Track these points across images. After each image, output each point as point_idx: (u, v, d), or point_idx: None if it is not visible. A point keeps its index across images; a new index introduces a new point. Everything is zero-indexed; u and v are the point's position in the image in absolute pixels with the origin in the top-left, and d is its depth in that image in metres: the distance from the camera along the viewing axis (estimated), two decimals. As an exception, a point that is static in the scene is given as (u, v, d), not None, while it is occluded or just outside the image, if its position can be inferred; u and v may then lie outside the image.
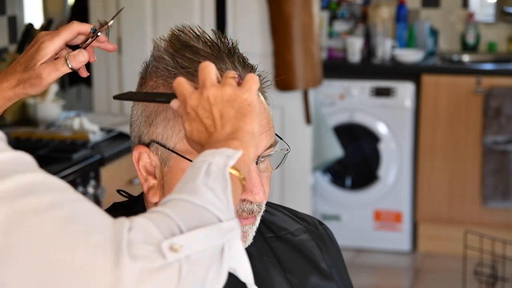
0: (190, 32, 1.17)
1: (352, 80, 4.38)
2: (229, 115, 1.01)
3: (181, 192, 0.89)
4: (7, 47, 3.26)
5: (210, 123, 1.01)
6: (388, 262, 4.32)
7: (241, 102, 1.02)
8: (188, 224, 0.84)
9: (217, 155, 0.94)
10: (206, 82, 1.03)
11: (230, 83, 1.03)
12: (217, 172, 0.92)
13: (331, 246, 1.35)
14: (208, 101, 1.02)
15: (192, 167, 0.94)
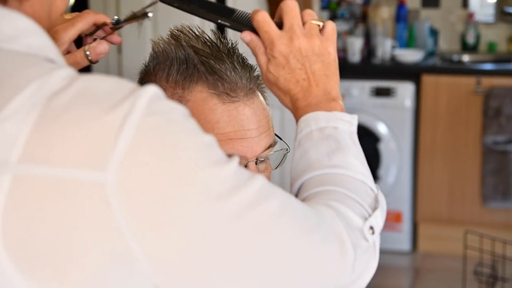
0: (190, 32, 1.17)
1: (352, 80, 4.38)
2: (320, 71, 1.02)
3: (334, 166, 0.95)
4: (7, 47, 3.26)
5: (304, 76, 1.01)
6: (388, 262, 4.32)
7: (328, 57, 1.03)
8: (368, 204, 0.93)
9: (339, 121, 0.99)
10: (295, 27, 1.01)
11: (316, 33, 1.03)
12: (349, 140, 0.98)
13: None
14: (300, 52, 1.01)
15: (323, 134, 0.97)
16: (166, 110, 0.78)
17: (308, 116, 1.00)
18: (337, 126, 0.98)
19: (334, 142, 0.97)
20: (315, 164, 0.97)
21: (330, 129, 0.98)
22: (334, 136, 0.98)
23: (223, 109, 1.12)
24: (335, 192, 0.92)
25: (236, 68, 1.13)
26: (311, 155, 0.98)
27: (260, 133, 1.14)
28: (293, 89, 1.02)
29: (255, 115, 1.14)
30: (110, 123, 0.74)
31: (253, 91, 1.15)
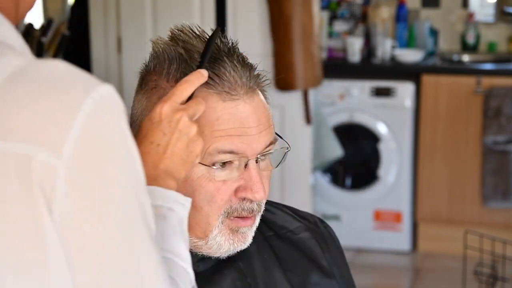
0: (190, 32, 1.17)
1: (352, 80, 4.38)
2: (181, 151, 1.05)
3: (170, 251, 1.00)
4: (7, 47, 3.25)
5: (163, 144, 1.04)
6: (388, 262, 4.32)
7: (195, 148, 1.06)
8: None
9: (175, 202, 1.03)
10: (189, 108, 1.06)
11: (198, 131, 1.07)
12: (181, 224, 1.03)
13: (332, 244, 1.35)
14: (177, 123, 1.05)
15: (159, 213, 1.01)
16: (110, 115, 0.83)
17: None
18: (172, 208, 1.03)
19: (169, 225, 1.02)
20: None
21: (165, 209, 1.02)
22: (169, 219, 1.02)
23: (223, 107, 1.12)
24: (175, 282, 0.98)
25: (236, 67, 1.14)
26: None
27: (261, 130, 1.15)
28: (143, 145, 1.05)
29: (255, 113, 1.14)
30: (65, 105, 0.77)
31: (253, 89, 1.15)
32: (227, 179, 1.14)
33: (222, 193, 1.14)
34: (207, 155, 1.12)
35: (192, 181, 1.14)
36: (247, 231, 1.18)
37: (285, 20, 3.73)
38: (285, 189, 3.94)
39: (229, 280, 1.20)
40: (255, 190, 1.14)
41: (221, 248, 1.17)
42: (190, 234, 1.17)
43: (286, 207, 1.36)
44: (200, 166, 1.13)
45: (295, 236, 1.31)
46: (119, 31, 3.83)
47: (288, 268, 1.27)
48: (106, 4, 3.81)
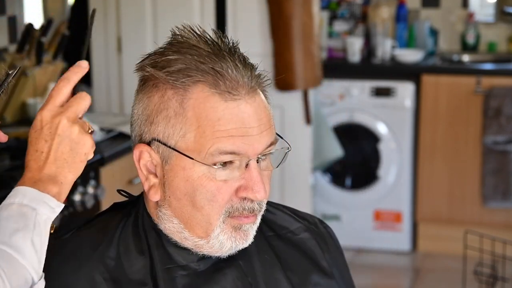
0: (191, 32, 1.17)
1: (352, 80, 4.38)
2: (64, 154, 1.08)
3: (12, 245, 1.03)
4: (7, 47, 3.25)
5: (45, 150, 1.08)
6: (388, 262, 4.32)
7: (81, 148, 1.08)
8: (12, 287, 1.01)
9: (43, 204, 1.05)
10: (69, 109, 1.08)
11: (82, 126, 1.09)
12: (41, 224, 1.05)
13: (332, 244, 1.35)
14: (56, 127, 1.07)
15: (21, 211, 1.04)
16: None
17: (20, 188, 1.07)
18: (36, 208, 1.06)
19: (24, 222, 1.05)
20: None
21: (29, 208, 1.05)
22: (27, 216, 1.05)
23: (224, 107, 1.12)
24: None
25: (238, 66, 1.14)
26: (1, 224, 1.05)
27: (262, 131, 1.15)
28: (29, 155, 1.09)
29: (257, 113, 1.14)
30: None
31: (254, 89, 1.15)
32: (228, 178, 1.14)
33: (223, 192, 1.14)
34: (208, 155, 1.12)
35: (193, 180, 1.14)
36: (249, 229, 1.19)
37: (285, 20, 3.73)
38: (285, 189, 3.94)
39: (230, 280, 1.20)
40: (256, 190, 1.14)
41: (223, 247, 1.17)
42: (191, 234, 1.18)
43: (285, 208, 1.36)
44: (201, 166, 1.13)
45: (295, 237, 1.31)
46: (119, 31, 3.83)
47: (288, 268, 1.27)
48: (106, 4, 3.81)
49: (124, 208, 1.27)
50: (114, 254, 1.18)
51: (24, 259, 1.04)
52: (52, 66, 3.30)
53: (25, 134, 2.91)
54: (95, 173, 2.69)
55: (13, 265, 1.03)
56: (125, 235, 1.20)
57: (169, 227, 1.19)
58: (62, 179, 1.08)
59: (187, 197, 1.15)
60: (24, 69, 3.13)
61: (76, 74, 1.12)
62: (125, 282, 1.16)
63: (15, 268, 1.03)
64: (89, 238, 1.20)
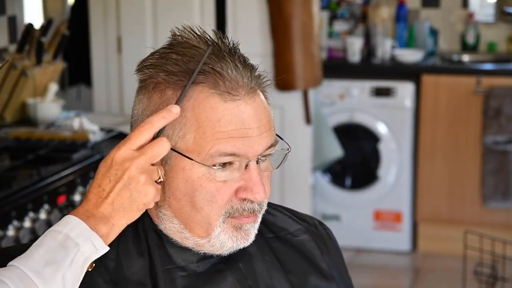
0: (191, 32, 1.17)
1: (352, 80, 4.38)
2: (123, 199, 1.07)
3: (40, 275, 1.02)
4: (7, 47, 3.25)
5: (108, 189, 1.08)
6: (388, 262, 4.32)
7: (140, 199, 1.08)
8: None
9: (88, 241, 1.05)
10: (142, 155, 1.07)
11: (151, 175, 1.08)
12: (79, 262, 1.05)
13: (332, 246, 1.35)
14: (124, 171, 1.07)
15: (64, 243, 1.04)
16: None
17: (72, 219, 1.07)
18: (80, 244, 1.05)
19: (63, 256, 1.04)
20: (33, 260, 1.03)
21: (73, 243, 1.05)
22: (68, 251, 1.04)
23: (224, 108, 1.12)
24: (6, 286, 1.00)
25: (238, 67, 1.14)
26: (40, 250, 1.04)
27: (262, 132, 1.15)
28: (92, 188, 1.09)
29: (257, 114, 1.14)
30: None
31: (254, 90, 1.15)
32: (227, 179, 1.14)
33: (223, 193, 1.14)
34: (208, 156, 1.12)
35: (193, 181, 1.14)
36: (250, 228, 1.18)
37: (285, 20, 3.73)
38: (285, 189, 3.94)
39: (230, 282, 1.20)
40: (256, 191, 1.14)
41: (224, 246, 1.17)
42: (192, 234, 1.18)
43: (285, 209, 1.36)
44: (201, 167, 1.13)
45: (294, 238, 1.31)
46: (119, 31, 3.83)
47: (288, 270, 1.27)
48: (106, 4, 3.81)
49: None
50: (114, 255, 1.18)
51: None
52: (52, 66, 3.30)
53: (25, 134, 2.92)
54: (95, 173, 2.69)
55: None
56: (125, 236, 1.20)
57: (169, 227, 1.19)
58: (115, 221, 1.08)
59: (187, 197, 1.15)
60: (24, 69, 3.13)
61: (162, 119, 1.09)
62: (125, 283, 1.16)
63: None
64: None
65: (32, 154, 2.61)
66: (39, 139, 2.88)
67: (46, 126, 3.08)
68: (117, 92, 3.87)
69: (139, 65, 1.19)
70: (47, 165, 2.51)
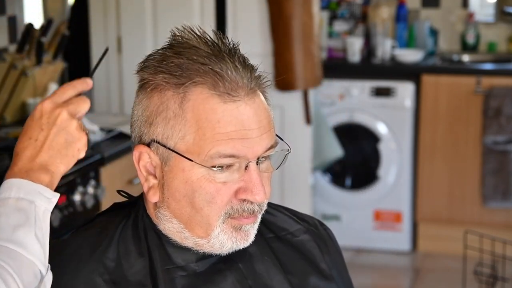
0: (191, 33, 1.17)
1: (352, 80, 4.38)
2: (58, 145, 1.09)
3: (16, 241, 1.04)
4: (7, 47, 3.25)
5: (41, 138, 1.09)
6: (388, 262, 4.32)
7: (76, 143, 1.11)
8: (25, 284, 1.03)
9: (38, 195, 1.06)
10: (70, 105, 1.10)
11: (80, 122, 1.11)
12: (40, 217, 1.07)
13: (332, 246, 1.35)
14: (55, 118, 1.09)
15: (18, 205, 1.05)
16: None
17: (13, 181, 1.08)
18: (34, 200, 1.07)
19: (24, 217, 1.05)
20: (1, 232, 1.05)
21: (26, 202, 1.06)
22: (26, 210, 1.06)
23: (224, 109, 1.12)
24: (1, 267, 1.02)
25: (237, 67, 1.13)
26: (1, 220, 1.05)
27: (262, 133, 1.14)
28: (21, 142, 1.10)
29: (256, 114, 1.14)
30: None
31: (254, 90, 1.15)
32: (227, 180, 1.14)
33: (222, 194, 1.14)
34: (208, 157, 1.12)
35: (193, 182, 1.14)
36: (250, 229, 1.18)
37: (285, 20, 3.73)
38: (285, 189, 3.94)
39: (229, 282, 1.20)
40: (256, 192, 1.14)
41: (223, 246, 1.17)
42: (191, 233, 1.18)
43: (285, 209, 1.36)
44: (201, 168, 1.13)
45: (295, 238, 1.31)
46: (119, 31, 3.83)
47: (288, 270, 1.27)
48: (106, 4, 3.81)
49: (124, 208, 1.27)
50: (114, 255, 1.18)
51: (30, 254, 1.04)
52: (52, 66, 3.30)
53: (25, 134, 2.91)
54: (95, 173, 2.70)
55: (21, 262, 1.03)
56: (125, 236, 1.20)
57: (168, 227, 1.19)
58: (54, 168, 1.10)
59: (186, 198, 1.15)
60: (24, 69, 3.13)
61: (81, 84, 1.13)
62: (125, 283, 1.16)
63: (22, 265, 1.03)
64: (88, 239, 1.20)
65: (32, 154, 2.60)
66: (39, 139, 2.87)
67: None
68: (117, 92, 3.87)
69: (139, 66, 1.19)
70: (47, 165, 2.51)
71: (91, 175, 2.66)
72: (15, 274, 1.02)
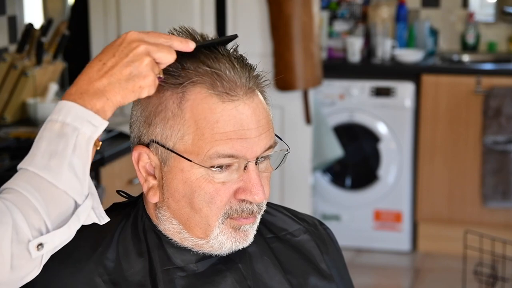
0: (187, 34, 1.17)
1: (352, 80, 4.38)
2: (122, 74, 1.05)
3: (48, 169, 1.02)
4: (7, 47, 3.26)
5: (109, 64, 1.05)
6: (388, 262, 4.32)
7: (138, 78, 1.06)
8: (52, 219, 1.01)
9: (85, 122, 1.03)
10: (154, 46, 1.06)
11: (154, 65, 1.07)
12: (82, 145, 1.04)
13: (331, 246, 1.35)
14: (131, 49, 1.05)
15: (62, 131, 1.03)
16: None
17: (66, 103, 1.05)
18: (79, 128, 1.04)
19: (64, 144, 1.03)
20: (36, 157, 1.04)
21: (71, 128, 1.04)
22: (68, 137, 1.03)
23: (222, 108, 1.12)
24: (24, 198, 1.00)
25: (236, 67, 1.13)
26: (41, 145, 1.04)
27: (260, 133, 1.14)
28: (94, 61, 1.06)
29: (255, 114, 1.14)
30: None
31: (252, 90, 1.15)
32: (226, 180, 1.14)
33: (221, 194, 1.14)
34: (207, 158, 1.12)
35: (192, 182, 1.14)
36: (249, 229, 1.18)
37: (285, 20, 3.73)
38: (285, 189, 3.94)
39: (229, 282, 1.20)
40: (255, 192, 1.14)
41: (223, 247, 1.17)
42: (191, 234, 1.18)
43: (285, 209, 1.36)
44: (200, 168, 1.13)
45: (294, 238, 1.31)
46: (119, 31, 3.83)
47: (287, 270, 1.27)
48: (106, 4, 3.81)
49: (124, 208, 1.27)
50: (114, 256, 1.18)
51: (61, 184, 1.02)
52: (52, 66, 3.30)
53: (25, 134, 2.92)
54: (95, 173, 2.70)
55: (50, 193, 1.01)
56: (125, 237, 1.20)
57: (168, 228, 1.19)
58: (109, 96, 1.05)
59: (186, 198, 1.15)
60: (24, 69, 3.13)
61: (180, 42, 1.09)
62: (124, 284, 1.16)
63: (52, 196, 1.01)
64: (88, 239, 1.20)
65: (32, 154, 2.60)
66: (39, 139, 2.87)
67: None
68: (117, 92, 3.87)
69: None
70: (47, 165, 2.51)
71: (91, 175, 2.65)
72: (40, 206, 1.00)
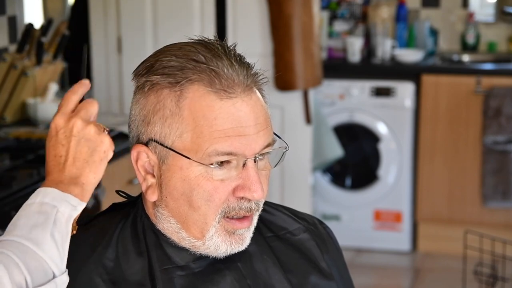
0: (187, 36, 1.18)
1: (352, 80, 4.38)
2: (82, 155, 1.10)
3: (30, 238, 1.04)
4: (7, 47, 3.26)
5: (63, 153, 1.10)
6: (388, 262, 4.32)
7: (100, 146, 1.11)
8: (33, 279, 1.02)
9: (64, 202, 1.07)
10: (80, 112, 1.11)
11: (97, 126, 1.12)
12: (62, 222, 1.07)
13: (331, 245, 1.35)
14: (71, 130, 1.10)
15: (41, 209, 1.06)
16: None
17: (41, 189, 1.09)
18: (58, 206, 1.07)
19: (44, 218, 1.06)
20: (16, 229, 1.06)
21: (49, 206, 1.07)
22: (47, 213, 1.06)
23: (220, 106, 1.12)
24: (7, 256, 1.02)
25: (233, 65, 1.14)
26: (20, 221, 1.06)
27: (258, 130, 1.14)
28: (49, 161, 1.11)
29: (253, 111, 1.14)
30: None
31: (250, 87, 1.15)
32: (225, 178, 1.14)
33: (220, 192, 1.14)
34: (205, 155, 1.12)
35: (190, 180, 1.14)
36: (245, 233, 1.18)
37: (285, 20, 3.73)
38: (285, 189, 3.94)
39: (228, 281, 1.20)
40: (253, 190, 1.14)
41: (218, 249, 1.17)
42: (188, 234, 1.18)
43: (285, 208, 1.36)
44: (198, 166, 1.13)
45: (294, 237, 1.31)
46: (119, 31, 3.83)
47: (287, 269, 1.27)
48: (106, 4, 3.81)
49: (123, 208, 1.27)
50: (113, 255, 1.18)
51: (43, 252, 1.04)
52: (52, 66, 3.30)
53: (25, 134, 2.92)
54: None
55: (31, 256, 1.03)
56: (124, 236, 1.20)
57: (167, 227, 1.19)
58: (84, 179, 1.10)
59: (184, 197, 1.15)
60: (24, 69, 3.14)
61: (80, 87, 1.14)
62: (124, 283, 1.16)
63: (32, 259, 1.03)
64: (87, 239, 1.20)
65: (32, 154, 2.61)
66: (39, 139, 2.88)
67: (46, 126, 3.08)
68: (117, 92, 3.87)
69: (135, 71, 1.19)
70: (47, 165, 2.51)
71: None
72: (22, 264, 1.02)
